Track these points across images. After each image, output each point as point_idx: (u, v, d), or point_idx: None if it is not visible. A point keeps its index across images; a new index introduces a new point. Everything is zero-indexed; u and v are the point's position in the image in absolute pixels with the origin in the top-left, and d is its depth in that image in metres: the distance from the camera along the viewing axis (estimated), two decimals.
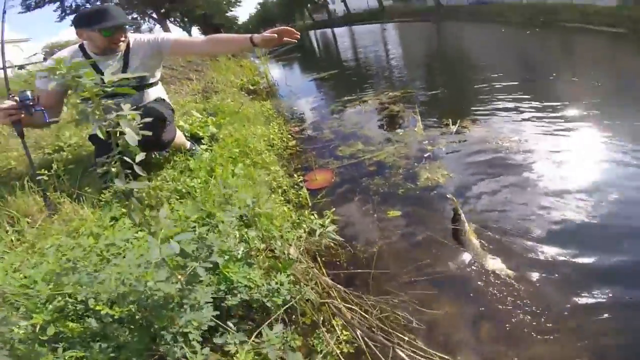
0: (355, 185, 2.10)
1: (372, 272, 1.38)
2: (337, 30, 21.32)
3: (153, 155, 1.93)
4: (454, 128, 2.62)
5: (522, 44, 6.78)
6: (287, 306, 1.04)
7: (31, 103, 1.41)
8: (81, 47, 1.65)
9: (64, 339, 0.80)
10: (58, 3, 18.87)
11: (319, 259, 1.50)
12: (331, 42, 15.50)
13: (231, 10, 34.82)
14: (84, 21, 1.53)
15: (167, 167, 1.85)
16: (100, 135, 0.64)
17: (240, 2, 30.50)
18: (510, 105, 2.97)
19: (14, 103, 1.40)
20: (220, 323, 0.85)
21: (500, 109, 2.92)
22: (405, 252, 1.50)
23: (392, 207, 1.81)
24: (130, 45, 1.69)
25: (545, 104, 2.86)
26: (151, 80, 1.80)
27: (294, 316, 1.10)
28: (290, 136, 3.05)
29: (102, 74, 1.53)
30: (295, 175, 2.29)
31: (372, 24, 19.03)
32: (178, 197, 1.63)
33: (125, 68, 1.68)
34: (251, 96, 4.86)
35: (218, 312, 0.86)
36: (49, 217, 1.32)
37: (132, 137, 0.60)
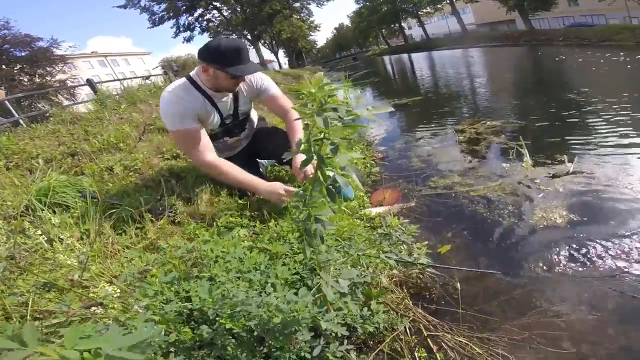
0: (451, 216, 1.92)
1: (462, 310, 1.23)
2: (414, 55, 21.05)
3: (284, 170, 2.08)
4: (570, 166, 2.24)
5: None
6: (393, 335, 1.04)
7: None
8: (191, 80, 1.52)
9: (176, 343, 0.79)
10: (174, 20, 22.60)
11: (405, 289, 1.39)
12: (407, 68, 15.32)
13: (311, 35, 37.49)
14: (216, 59, 1.39)
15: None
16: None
17: (319, 27, 32.72)
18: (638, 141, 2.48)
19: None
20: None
21: (625, 146, 2.45)
22: (505, 291, 1.32)
23: (494, 242, 1.62)
24: (240, 84, 1.64)
25: None
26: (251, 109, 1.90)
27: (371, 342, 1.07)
28: (373, 162, 2.96)
29: (218, 109, 1.55)
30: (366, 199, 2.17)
31: (453, 49, 18.31)
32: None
33: (236, 104, 1.68)
34: None
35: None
36: (168, 217, 1.40)
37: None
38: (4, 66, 13.47)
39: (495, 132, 3.12)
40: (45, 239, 1.01)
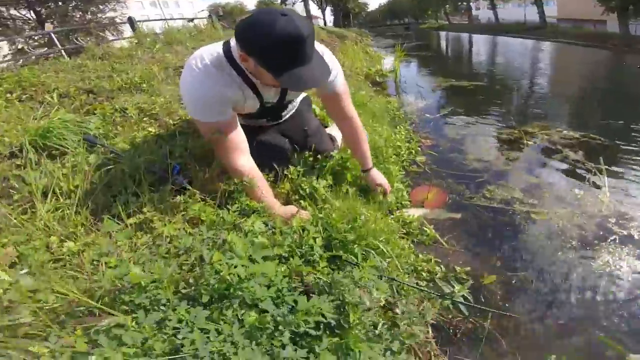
0: (504, 239, 1.64)
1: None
2: (475, 37, 19.04)
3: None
4: None
5: None
6: None
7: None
8: (229, 57, 1.08)
9: None
10: None
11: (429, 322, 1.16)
12: (465, 49, 13.87)
13: None
14: (263, 55, 0.94)
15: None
16: None
17: None
18: None
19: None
20: None
21: None
22: (538, 341, 1.15)
23: (546, 281, 1.39)
24: None
25: None
26: None
27: None
28: (419, 149, 2.59)
29: (260, 95, 1.24)
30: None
31: (524, 37, 16.28)
32: (297, 198, 1.41)
33: (284, 93, 1.30)
34: (375, 88, 4.53)
35: None
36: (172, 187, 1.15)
37: None
38: (60, 2, 13.88)
39: (572, 146, 2.59)
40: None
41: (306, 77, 0.94)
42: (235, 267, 0.58)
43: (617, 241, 1.58)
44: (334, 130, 1.85)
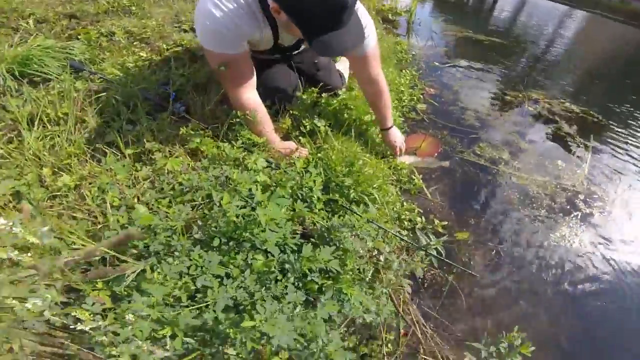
0: (483, 198, 1.76)
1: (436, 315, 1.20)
2: None
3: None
4: (622, 195, 1.91)
5: None
6: None
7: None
8: None
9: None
10: None
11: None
12: (489, 1, 12.48)
13: None
14: (298, 15, 0.87)
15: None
16: None
17: None
18: None
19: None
20: None
21: None
22: (485, 301, 1.29)
23: (508, 244, 1.55)
24: None
25: None
26: None
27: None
28: (421, 96, 2.51)
29: (278, 36, 1.17)
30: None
31: (557, 2, 14.63)
32: (297, 134, 1.38)
33: (300, 40, 1.28)
34: (385, 25, 4.14)
35: None
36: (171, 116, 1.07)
37: None
38: None
39: (569, 119, 2.59)
40: None
41: (338, 44, 0.89)
42: (244, 207, 0.59)
43: (579, 217, 1.72)
44: (341, 65, 1.79)
